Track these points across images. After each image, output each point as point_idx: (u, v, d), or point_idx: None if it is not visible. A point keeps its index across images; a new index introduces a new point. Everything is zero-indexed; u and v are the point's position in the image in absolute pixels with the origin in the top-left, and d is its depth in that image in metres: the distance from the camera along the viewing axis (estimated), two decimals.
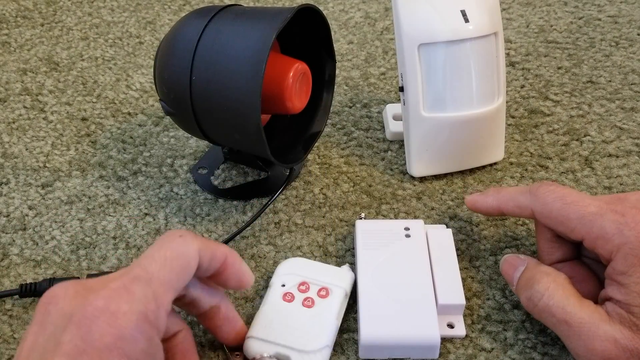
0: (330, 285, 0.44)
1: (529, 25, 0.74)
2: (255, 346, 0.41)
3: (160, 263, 0.34)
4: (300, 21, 0.50)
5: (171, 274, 0.34)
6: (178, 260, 0.35)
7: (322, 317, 0.43)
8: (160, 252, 0.35)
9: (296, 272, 0.45)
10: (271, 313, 0.43)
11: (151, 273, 0.33)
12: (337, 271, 0.46)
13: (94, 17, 0.77)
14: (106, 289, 0.32)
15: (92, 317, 0.30)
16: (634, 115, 0.62)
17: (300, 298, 0.44)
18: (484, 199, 0.47)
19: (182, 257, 0.35)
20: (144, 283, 0.33)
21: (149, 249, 0.35)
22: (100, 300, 0.31)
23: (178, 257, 0.35)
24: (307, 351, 0.41)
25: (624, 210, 0.39)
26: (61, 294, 0.32)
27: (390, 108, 0.61)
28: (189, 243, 0.36)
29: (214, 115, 0.48)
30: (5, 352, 0.44)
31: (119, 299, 0.31)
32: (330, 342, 0.42)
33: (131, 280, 0.32)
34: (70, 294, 0.32)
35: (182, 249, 0.35)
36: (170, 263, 0.34)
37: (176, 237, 0.36)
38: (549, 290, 0.40)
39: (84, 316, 0.30)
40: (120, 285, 0.32)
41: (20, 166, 0.58)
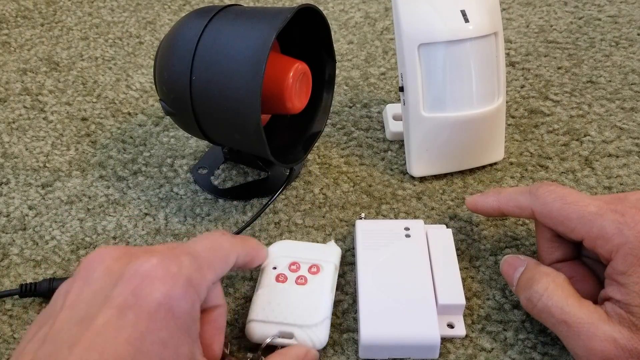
0: (320, 261, 0.46)
1: (529, 25, 0.74)
2: (257, 328, 0.42)
3: (206, 248, 0.37)
4: (300, 21, 0.51)
5: (214, 259, 0.37)
6: (220, 251, 0.38)
7: (317, 292, 0.44)
8: (205, 241, 0.38)
9: (285, 254, 0.46)
10: (267, 295, 0.44)
11: (197, 252, 0.36)
12: (324, 248, 0.47)
13: (94, 17, 0.77)
14: (157, 254, 0.34)
15: (143, 275, 0.32)
16: (634, 115, 0.62)
17: (293, 277, 0.45)
18: (485, 199, 0.47)
19: (223, 249, 0.38)
20: (191, 256, 0.35)
21: (195, 238, 0.38)
22: (152, 260, 0.33)
23: (220, 248, 0.38)
24: (309, 325, 0.42)
25: (624, 210, 0.39)
26: (107, 254, 0.34)
27: (390, 108, 0.61)
28: (229, 242, 0.39)
29: (214, 115, 0.48)
30: (5, 352, 0.44)
31: (169, 262, 0.33)
32: (329, 314, 0.43)
33: (179, 251, 0.35)
34: (116, 255, 0.34)
35: (224, 244, 0.39)
36: (213, 251, 0.37)
37: (219, 234, 0.39)
38: (548, 291, 0.40)
39: (136, 274, 0.32)
40: (169, 253, 0.34)
41: (20, 166, 0.58)
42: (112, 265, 0.33)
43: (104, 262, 0.34)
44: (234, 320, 0.45)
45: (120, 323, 0.30)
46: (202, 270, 0.35)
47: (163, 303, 0.32)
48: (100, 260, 0.34)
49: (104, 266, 0.33)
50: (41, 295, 0.47)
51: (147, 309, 0.31)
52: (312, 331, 0.42)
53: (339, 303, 0.46)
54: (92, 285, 0.33)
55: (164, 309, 0.32)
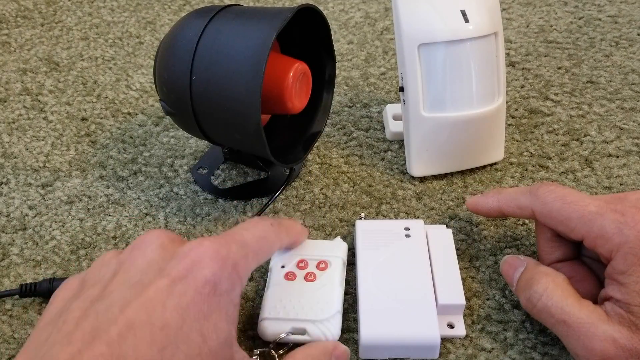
0: (328, 257, 0.46)
1: (529, 25, 0.74)
2: (269, 326, 0.42)
3: (254, 237, 0.39)
4: (300, 21, 0.51)
5: (260, 248, 0.39)
6: (266, 241, 0.40)
7: (327, 287, 0.44)
8: (255, 229, 0.40)
9: (292, 252, 0.47)
10: (278, 293, 0.44)
11: (247, 240, 0.38)
12: (331, 244, 0.48)
13: (94, 17, 0.77)
14: (209, 238, 0.37)
15: (196, 255, 0.35)
16: (634, 115, 0.62)
17: (301, 275, 0.45)
18: (485, 200, 0.47)
19: (269, 240, 0.41)
20: (239, 245, 0.38)
21: (244, 223, 0.41)
22: (205, 242, 0.36)
23: (266, 238, 0.40)
24: (321, 320, 0.42)
25: (624, 210, 0.39)
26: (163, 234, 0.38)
27: (390, 108, 0.61)
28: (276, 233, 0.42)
29: (214, 115, 0.48)
30: (6, 352, 0.44)
31: (219, 246, 0.36)
32: (340, 308, 0.43)
33: (231, 239, 0.38)
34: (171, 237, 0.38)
35: (271, 235, 0.41)
36: (260, 241, 0.40)
37: (268, 224, 0.42)
38: (548, 291, 0.40)
39: (189, 252, 0.35)
40: (221, 239, 0.37)
41: (20, 166, 0.58)
42: (167, 244, 0.37)
43: (160, 239, 0.37)
44: None
45: (170, 291, 0.33)
46: (247, 258, 0.38)
47: (210, 280, 0.35)
48: (156, 237, 0.37)
49: (159, 242, 0.37)
50: (41, 295, 0.47)
51: (195, 284, 0.34)
52: (325, 325, 0.42)
53: None
54: (147, 256, 0.36)
55: (210, 285, 0.34)
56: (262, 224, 0.41)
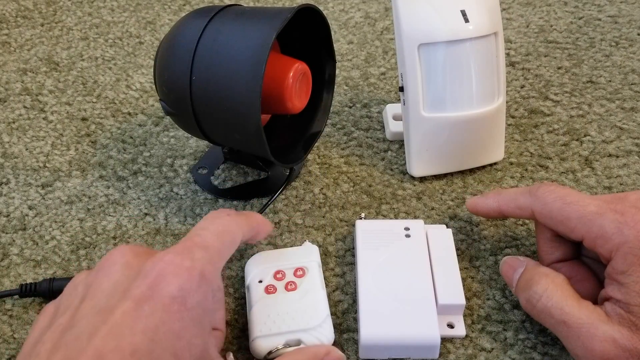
0: (303, 263, 0.46)
1: (529, 25, 0.74)
2: (262, 344, 0.42)
3: (215, 235, 0.39)
4: (300, 21, 0.50)
5: (223, 245, 0.39)
6: (228, 235, 0.40)
7: (310, 293, 0.44)
8: (213, 226, 0.39)
9: (266, 265, 0.46)
10: (262, 310, 0.43)
11: (208, 241, 0.38)
12: (302, 250, 0.48)
13: (94, 17, 0.77)
14: (172, 251, 0.36)
15: (160, 270, 0.34)
16: (634, 115, 0.62)
17: (281, 286, 0.45)
18: (485, 201, 0.47)
19: (230, 233, 0.40)
20: (202, 249, 0.37)
21: (201, 222, 0.40)
22: (167, 257, 0.35)
23: (227, 232, 0.40)
24: (314, 327, 0.42)
25: (624, 210, 0.39)
26: (128, 250, 0.37)
27: (390, 108, 0.61)
28: (235, 223, 0.41)
29: (214, 115, 0.48)
30: (5, 352, 0.44)
31: (182, 257, 0.35)
32: (328, 311, 0.43)
33: (191, 245, 0.37)
34: (136, 252, 0.37)
35: (232, 226, 0.40)
36: (221, 236, 0.39)
37: (225, 215, 0.41)
38: (548, 292, 0.40)
39: (153, 269, 0.34)
40: (183, 248, 0.36)
41: (20, 166, 0.58)
42: (132, 260, 0.36)
43: (124, 257, 0.36)
44: (234, 320, 0.45)
45: (137, 315, 0.32)
46: (213, 261, 0.37)
47: (177, 296, 0.34)
48: (120, 255, 0.36)
49: (124, 261, 0.36)
50: (41, 295, 0.47)
51: (161, 302, 0.33)
52: (318, 332, 0.42)
53: (339, 303, 0.46)
54: (112, 277, 0.35)
55: (178, 302, 0.34)
56: (219, 217, 0.41)
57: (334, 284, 0.48)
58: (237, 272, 0.49)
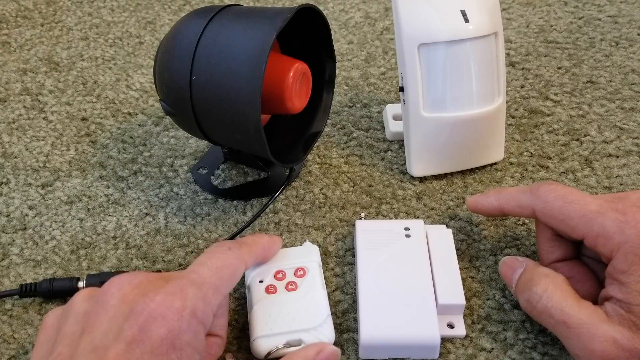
0: (303, 263, 0.46)
1: (529, 25, 0.74)
2: (263, 344, 0.42)
3: (212, 270, 0.39)
4: (300, 21, 0.50)
5: (220, 281, 0.39)
6: (227, 269, 0.39)
7: (311, 293, 0.44)
8: (211, 261, 0.39)
9: (266, 265, 0.46)
10: (263, 310, 0.43)
11: (203, 278, 0.38)
12: (302, 250, 0.47)
13: (94, 17, 0.77)
14: (164, 289, 0.36)
15: (150, 312, 0.34)
16: (634, 115, 0.62)
17: (282, 285, 0.44)
18: (486, 199, 0.47)
19: (229, 267, 0.40)
20: (196, 286, 0.37)
21: (201, 257, 0.40)
22: (159, 296, 0.35)
23: (227, 267, 0.39)
24: (315, 327, 0.42)
25: (625, 209, 0.39)
26: (125, 283, 0.36)
27: (390, 108, 0.61)
28: (237, 256, 0.41)
29: (214, 115, 0.48)
30: (5, 352, 0.44)
31: (173, 297, 0.35)
32: (329, 311, 0.43)
33: (186, 282, 0.37)
34: (134, 283, 0.36)
35: (231, 260, 0.40)
36: (219, 272, 0.39)
37: (225, 249, 0.41)
38: (547, 292, 0.40)
39: (144, 310, 0.34)
40: (176, 286, 0.36)
41: (20, 166, 0.58)
42: (129, 293, 0.36)
43: (122, 290, 0.36)
44: (234, 320, 0.45)
45: (128, 357, 0.33)
46: (206, 298, 0.37)
47: (166, 338, 0.34)
48: (118, 288, 0.36)
49: (121, 294, 0.36)
50: (41, 295, 0.47)
51: (151, 345, 0.34)
52: (319, 331, 0.42)
53: (339, 303, 0.46)
54: (108, 312, 0.35)
55: (167, 343, 0.34)
56: (219, 252, 0.40)
57: (334, 284, 0.48)
58: None
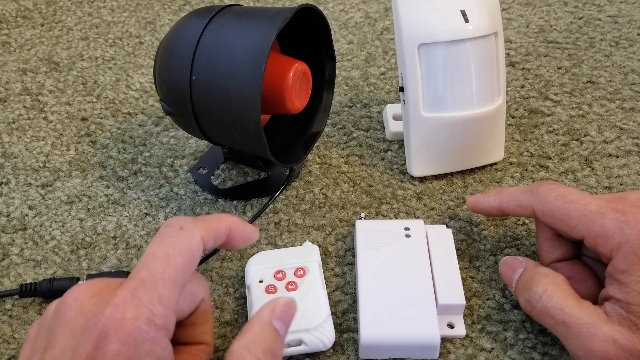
0: (303, 263, 0.46)
1: (529, 25, 0.74)
2: None
3: (164, 262, 0.34)
4: (300, 21, 0.50)
5: (176, 273, 0.34)
6: (181, 256, 0.34)
7: (311, 293, 0.44)
8: (161, 249, 0.34)
9: (266, 264, 0.46)
10: None
11: (156, 275, 0.33)
12: (302, 250, 0.47)
13: (94, 17, 0.77)
14: (115, 298, 0.33)
15: (101, 327, 0.32)
16: (634, 115, 0.62)
17: (282, 285, 0.45)
18: (486, 199, 0.47)
19: (185, 253, 0.34)
20: (149, 287, 0.33)
21: (151, 244, 0.35)
22: (109, 308, 0.32)
23: (181, 252, 0.34)
24: (315, 327, 0.42)
25: (625, 209, 0.39)
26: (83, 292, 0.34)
27: (390, 108, 0.61)
28: (191, 235, 0.35)
29: (214, 115, 0.48)
30: (5, 352, 0.44)
31: (124, 306, 0.32)
32: (329, 311, 0.43)
33: (137, 285, 0.33)
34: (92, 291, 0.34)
35: (185, 243, 0.35)
36: (173, 261, 0.34)
37: (177, 230, 0.35)
38: (547, 292, 0.40)
39: (96, 325, 0.32)
40: (126, 294, 0.33)
41: (20, 166, 0.58)
42: (86, 302, 0.34)
43: (79, 300, 0.34)
44: (234, 320, 0.45)
45: None
46: (163, 299, 0.33)
47: (121, 354, 0.32)
48: (74, 299, 0.34)
49: (78, 304, 0.34)
50: (41, 295, 0.47)
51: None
52: (319, 332, 0.42)
53: (339, 303, 0.46)
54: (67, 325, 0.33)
55: (123, 358, 0.32)
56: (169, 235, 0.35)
57: (334, 284, 0.48)
58: (237, 272, 0.49)
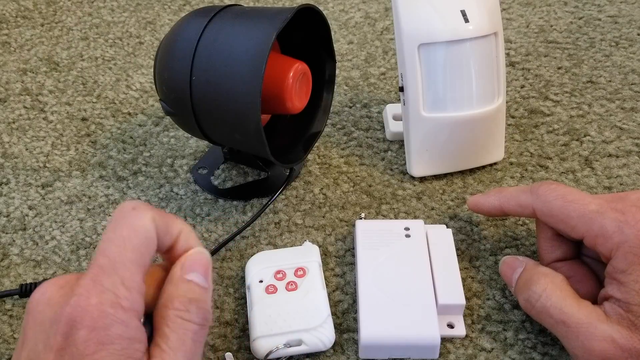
0: (303, 263, 0.46)
1: (529, 25, 0.74)
2: (263, 345, 0.42)
3: (120, 245, 0.33)
4: (300, 21, 0.50)
5: (134, 254, 0.33)
6: (137, 237, 0.34)
7: (311, 293, 0.44)
8: (116, 232, 0.34)
9: (266, 264, 0.46)
10: (263, 310, 0.43)
11: (114, 259, 0.33)
12: (302, 250, 0.48)
13: (94, 17, 0.77)
14: (77, 287, 0.33)
15: (68, 316, 0.32)
16: (634, 115, 0.62)
17: (282, 285, 0.45)
18: (486, 199, 0.47)
19: (139, 233, 0.34)
20: (109, 271, 0.33)
21: (106, 229, 0.34)
22: (74, 298, 0.32)
23: (136, 233, 0.34)
24: (315, 327, 0.42)
25: (624, 209, 0.39)
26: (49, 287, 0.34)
27: (390, 108, 0.61)
28: (143, 215, 0.34)
29: (214, 115, 0.48)
30: (5, 352, 0.44)
31: (87, 294, 0.32)
32: (329, 311, 0.43)
33: (97, 272, 0.33)
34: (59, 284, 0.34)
35: (138, 222, 0.34)
36: (130, 242, 0.33)
37: (129, 210, 0.35)
38: (547, 292, 0.40)
39: (62, 315, 0.32)
40: (88, 282, 0.33)
41: (20, 166, 0.58)
42: (54, 295, 0.34)
43: (46, 294, 0.34)
44: (234, 320, 0.45)
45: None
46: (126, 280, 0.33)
47: (90, 339, 0.32)
48: (41, 293, 0.34)
49: (46, 298, 0.34)
50: None
51: (77, 349, 0.32)
52: (319, 332, 0.42)
53: (339, 303, 0.46)
54: (37, 319, 0.33)
55: (94, 343, 0.32)
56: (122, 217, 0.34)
57: (334, 284, 0.48)
58: (237, 272, 0.49)
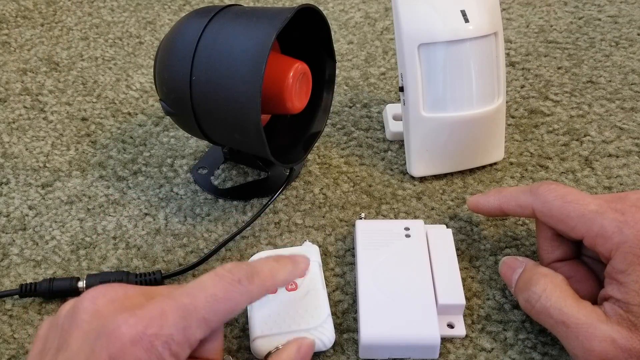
0: None
1: (529, 25, 0.74)
2: (263, 344, 0.42)
3: (208, 300, 0.34)
4: (300, 21, 0.50)
5: (214, 315, 0.35)
6: (225, 304, 0.35)
7: (311, 293, 0.44)
8: (213, 288, 0.35)
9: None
10: (263, 310, 0.43)
11: (195, 306, 0.34)
12: (302, 249, 0.47)
13: (94, 17, 0.77)
14: (141, 310, 0.33)
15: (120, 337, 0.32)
16: (634, 115, 0.62)
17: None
18: (486, 199, 0.47)
19: (230, 302, 0.35)
20: (182, 313, 0.33)
21: (205, 277, 0.35)
22: (133, 319, 0.32)
23: (227, 300, 0.35)
24: (315, 327, 0.42)
25: (624, 209, 0.39)
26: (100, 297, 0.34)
27: (390, 108, 0.61)
28: (243, 292, 0.36)
29: (214, 115, 0.48)
30: (6, 352, 0.44)
31: (149, 321, 0.33)
32: (329, 311, 0.43)
33: (172, 305, 0.33)
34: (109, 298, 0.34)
35: (234, 295, 0.35)
36: (216, 304, 0.35)
37: (235, 281, 0.36)
38: (546, 292, 0.40)
39: (114, 332, 0.32)
40: (157, 308, 0.33)
41: (20, 166, 0.58)
42: (102, 309, 0.34)
43: (95, 304, 0.34)
44: (234, 320, 0.45)
45: None
46: (188, 330, 0.34)
47: None
48: (91, 302, 0.34)
49: (94, 309, 0.34)
50: (41, 295, 0.47)
51: None
52: (319, 332, 0.42)
53: (339, 303, 0.46)
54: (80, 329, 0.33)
55: None
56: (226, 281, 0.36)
57: (334, 284, 0.48)
58: None
